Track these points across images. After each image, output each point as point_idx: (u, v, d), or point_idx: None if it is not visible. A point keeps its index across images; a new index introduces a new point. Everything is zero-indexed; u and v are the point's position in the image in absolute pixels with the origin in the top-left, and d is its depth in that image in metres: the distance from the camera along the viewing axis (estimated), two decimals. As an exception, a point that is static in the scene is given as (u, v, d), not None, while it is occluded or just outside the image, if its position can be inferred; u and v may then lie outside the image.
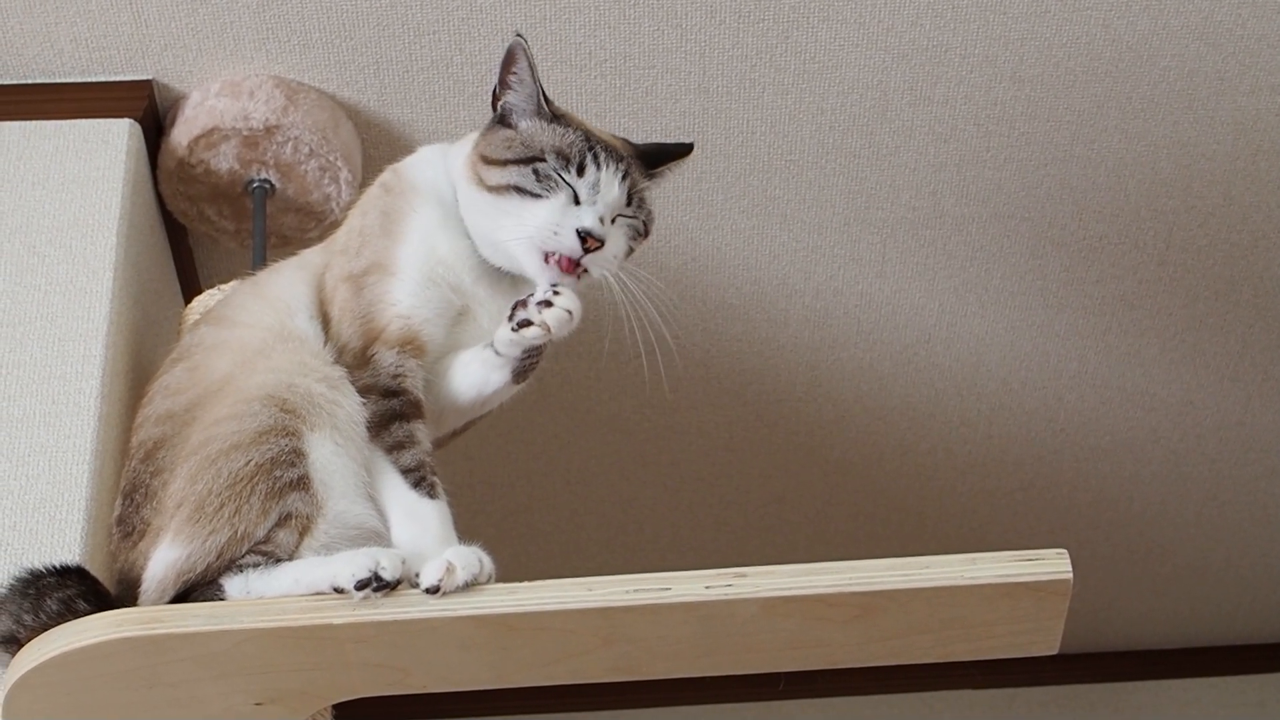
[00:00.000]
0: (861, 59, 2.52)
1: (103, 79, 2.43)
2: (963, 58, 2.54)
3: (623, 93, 2.52)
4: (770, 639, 1.64)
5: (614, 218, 1.74)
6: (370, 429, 1.70)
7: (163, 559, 1.66)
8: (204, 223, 2.53)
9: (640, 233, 1.78)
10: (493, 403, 1.79)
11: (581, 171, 1.73)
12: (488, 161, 1.75)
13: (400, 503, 1.69)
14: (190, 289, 2.60)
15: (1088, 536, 3.25)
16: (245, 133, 2.43)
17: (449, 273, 1.77)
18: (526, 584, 1.62)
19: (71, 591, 1.65)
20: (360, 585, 1.59)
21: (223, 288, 2.15)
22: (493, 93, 1.80)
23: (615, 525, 3.15)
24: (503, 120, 1.78)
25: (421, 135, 2.52)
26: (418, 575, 1.61)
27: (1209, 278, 2.84)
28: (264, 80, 2.46)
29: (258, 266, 2.19)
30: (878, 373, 2.93)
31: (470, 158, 1.77)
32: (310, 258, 1.86)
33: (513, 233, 1.72)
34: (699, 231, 2.70)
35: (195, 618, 1.60)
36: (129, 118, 2.39)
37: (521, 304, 1.71)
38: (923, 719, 3.48)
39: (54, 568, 1.68)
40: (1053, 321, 2.88)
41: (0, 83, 2.42)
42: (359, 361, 1.74)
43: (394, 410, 1.71)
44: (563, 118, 1.78)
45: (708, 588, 1.61)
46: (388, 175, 1.86)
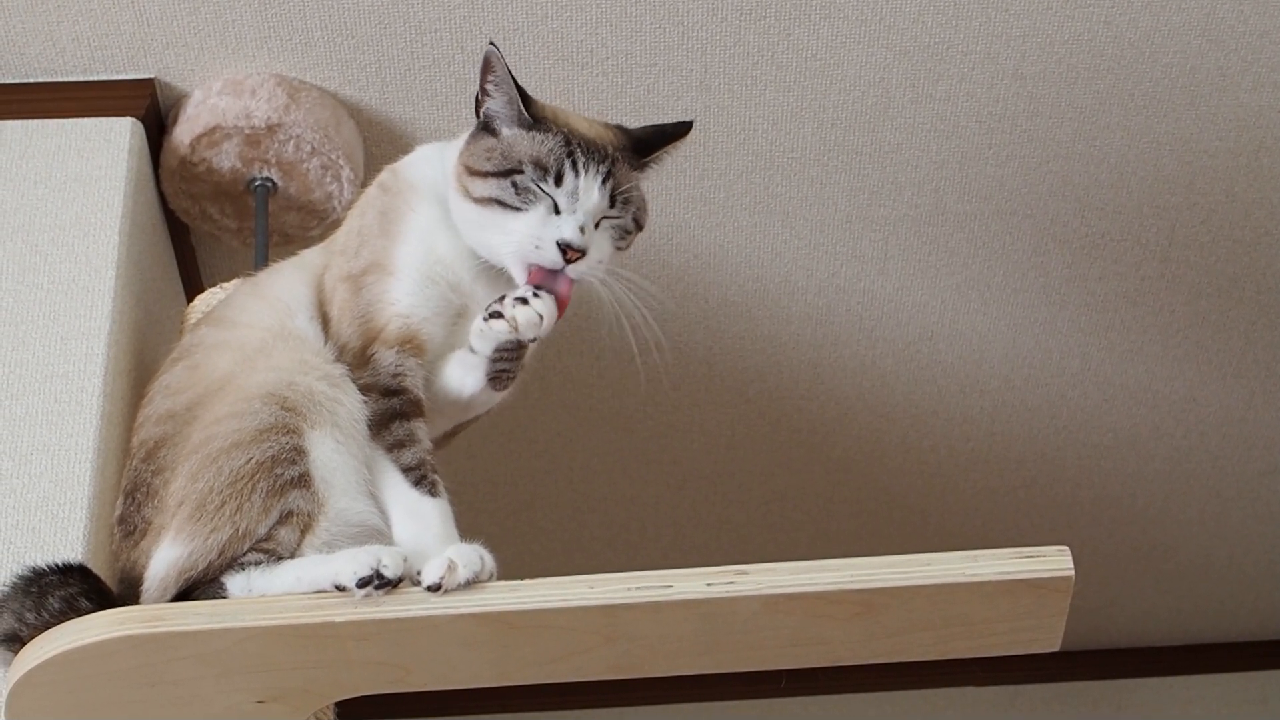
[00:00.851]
0: (863, 56, 2.52)
1: (105, 78, 2.43)
2: (964, 55, 2.54)
3: (624, 90, 2.52)
4: (772, 636, 1.64)
5: (597, 222, 1.74)
6: (371, 428, 1.70)
7: (164, 557, 1.66)
8: (206, 221, 2.53)
9: (629, 230, 1.77)
10: (475, 408, 1.78)
11: (560, 180, 1.72)
12: (471, 172, 1.75)
13: (401, 501, 1.69)
14: (192, 287, 2.60)
15: (1090, 533, 3.25)
16: (247, 131, 2.44)
17: (448, 271, 1.77)
18: (528, 582, 1.62)
19: (74, 590, 1.65)
20: (362, 583, 1.59)
21: (225, 286, 2.15)
22: (475, 99, 1.79)
23: (617, 523, 3.15)
24: (487, 126, 1.78)
25: (423, 133, 2.52)
26: (419, 573, 1.61)
27: (1211, 274, 2.84)
28: (266, 79, 2.46)
29: (260, 265, 2.19)
30: (880, 370, 2.93)
31: (457, 167, 1.77)
32: (309, 258, 1.86)
33: (499, 248, 1.73)
34: (701, 229, 2.70)
35: (197, 616, 1.60)
36: (131, 116, 2.39)
37: (501, 299, 1.71)
38: (924, 716, 3.48)
39: (56, 566, 1.68)
40: (1055, 318, 2.88)
41: (2, 81, 2.42)
42: (359, 361, 1.74)
43: (394, 409, 1.71)
44: (543, 121, 1.76)
45: (709, 585, 1.61)
46: (385, 175, 1.85)
